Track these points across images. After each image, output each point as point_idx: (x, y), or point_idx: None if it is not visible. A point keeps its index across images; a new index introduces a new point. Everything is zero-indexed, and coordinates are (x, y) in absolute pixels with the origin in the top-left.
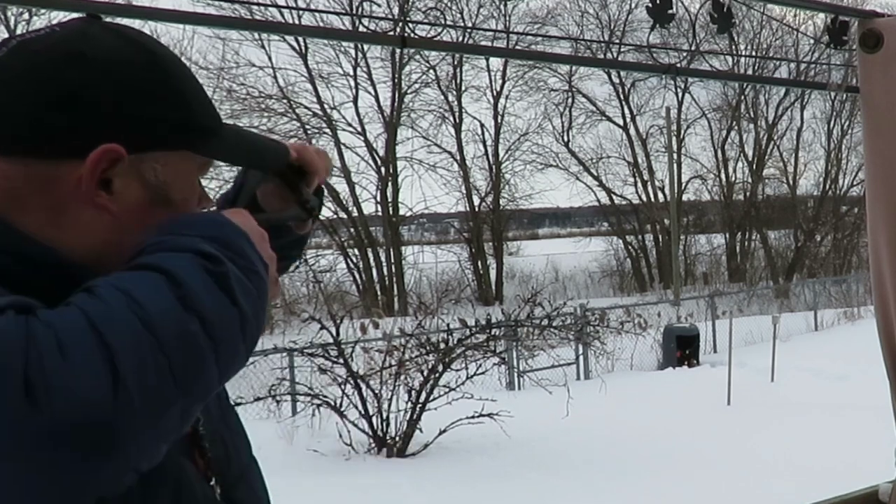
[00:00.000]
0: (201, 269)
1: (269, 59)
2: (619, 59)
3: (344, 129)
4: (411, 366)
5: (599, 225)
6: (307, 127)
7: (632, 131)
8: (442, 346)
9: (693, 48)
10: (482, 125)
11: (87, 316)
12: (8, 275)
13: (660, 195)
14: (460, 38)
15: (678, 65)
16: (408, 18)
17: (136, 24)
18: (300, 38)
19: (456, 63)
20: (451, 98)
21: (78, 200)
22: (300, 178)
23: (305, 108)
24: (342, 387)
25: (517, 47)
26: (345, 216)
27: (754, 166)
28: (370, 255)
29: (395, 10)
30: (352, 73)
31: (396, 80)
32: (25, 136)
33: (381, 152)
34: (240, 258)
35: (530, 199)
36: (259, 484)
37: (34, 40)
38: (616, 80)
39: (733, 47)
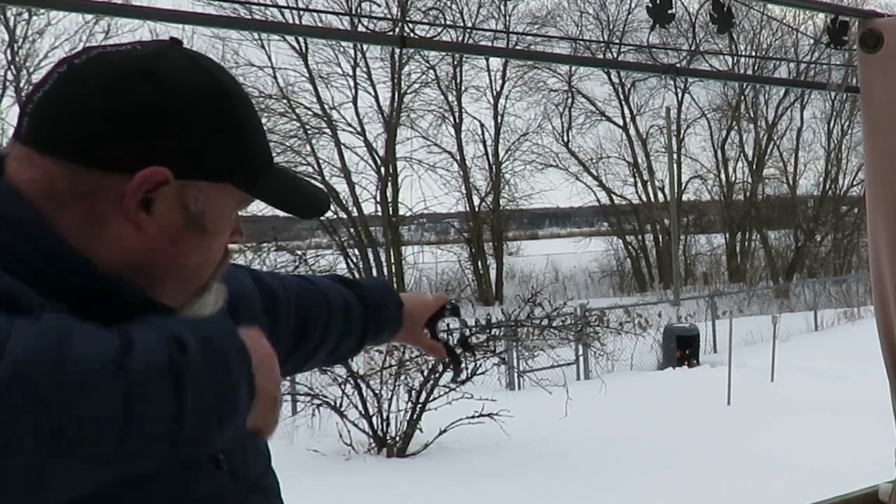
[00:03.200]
0: (164, 350)
1: (269, 59)
2: (619, 59)
3: (344, 129)
4: (411, 366)
5: (599, 225)
6: (307, 127)
7: (632, 131)
8: None
9: (693, 48)
10: (482, 125)
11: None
12: (41, 275)
13: (660, 195)
14: (460, 38)
15: (678, 65)
16: (407, 18)
17: (135, 23)
18: (300, 38)
19: (456, 63)
20: (450, 98)
21: (115, 214)
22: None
23: (305, 108)
24: (342, 387)
25: (517, 47)
26: (345, 216)
27: (754, 166)
28: (370, 255)
29: (395, 10)
30: (351, 73)
31: (396, 80)
32: (80, 141)
33: (381, 152)
34: (215, 362)
35: (530, 199)
36: (274, 494)
37: (114, 54)
38: (616, 80)
39: (733, 47)
